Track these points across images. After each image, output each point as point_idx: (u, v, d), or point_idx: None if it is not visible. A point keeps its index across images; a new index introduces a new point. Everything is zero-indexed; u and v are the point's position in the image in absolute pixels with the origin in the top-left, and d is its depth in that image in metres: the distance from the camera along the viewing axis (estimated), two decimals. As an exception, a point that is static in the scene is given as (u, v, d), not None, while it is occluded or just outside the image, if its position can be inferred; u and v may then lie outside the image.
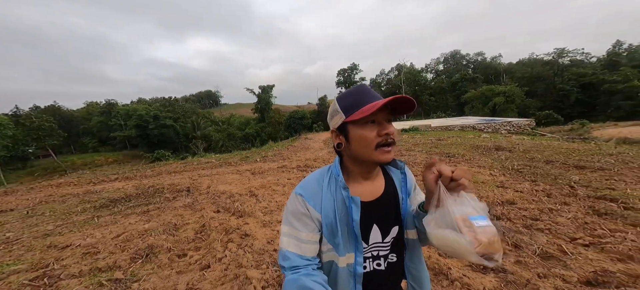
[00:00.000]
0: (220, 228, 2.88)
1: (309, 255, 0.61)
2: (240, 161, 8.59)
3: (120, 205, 4.10)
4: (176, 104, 43.12)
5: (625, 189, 2.93)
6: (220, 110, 55.28)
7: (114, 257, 2.24)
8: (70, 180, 8.41)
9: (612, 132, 17.00)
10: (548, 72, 33.71)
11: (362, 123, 0.58)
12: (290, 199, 0.65)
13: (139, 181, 6.52)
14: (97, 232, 2.91)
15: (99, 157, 37.46)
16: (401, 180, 0.68)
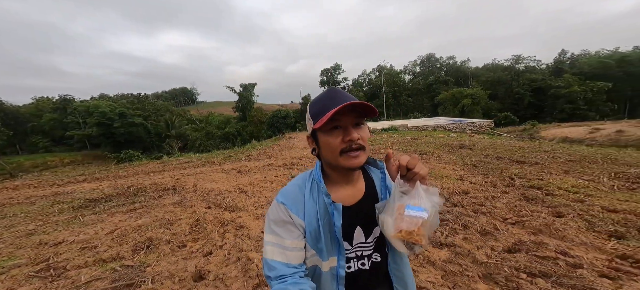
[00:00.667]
0: (215, 221, 3.09)
1: (295, 262, 0.60)
2: (224, 160, 8.58)
3: (102, 205, 4.04)
4: (146, 101, 40.08)
5: (549, 179, 3.74)
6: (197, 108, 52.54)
7: (115, 249, 2.37)
8: (29, 182, 7.71)
9: (555, 132, 19.77)
10: (507, 76, 37.71)
11: (328, 130, 0.58)
12: (272, 208, 0.65)
13: (113, 181, 6.28)
14: (87, 230, 2.94)
15: (52, 158, 33.49)
16: (381, 180, 0.68)
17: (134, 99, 40.08)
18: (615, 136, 16.02)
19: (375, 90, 40.69)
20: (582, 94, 29.81)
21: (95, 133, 32.25)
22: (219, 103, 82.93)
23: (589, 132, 17.56)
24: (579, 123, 22.06)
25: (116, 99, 41.27)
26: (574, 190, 3.21)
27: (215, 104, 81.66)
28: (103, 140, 33.51)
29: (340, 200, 0.63)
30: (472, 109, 32.24)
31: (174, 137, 33.41)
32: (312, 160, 6.83)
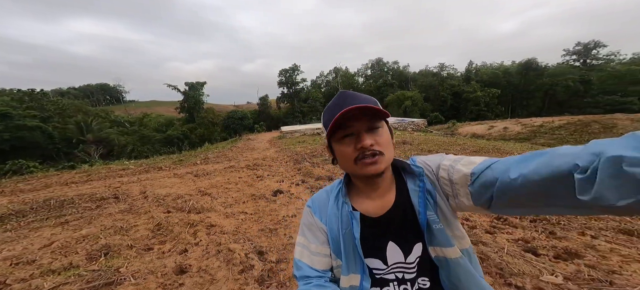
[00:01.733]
0: (181, 223, 2.99)
1: (320, 267, 0.60)
2: (173, 165, 7.76)
3: (14, 222, 3.27)
4: (45, 99, 31.24)
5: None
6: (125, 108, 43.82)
7: (63, 260, 2.09)
8: None
9: (467, 129, 25.23)
10: (435, 81, 45.43)
11: (340, 138, 0.55)
12: (304, 210, 0.67)
13: (13, 197, 4.98)
14: (8, 247, 2.41)
15: None
16: (419, 188, 0.59)
17: (24, 95, 30.66)
18: (502, 132, 21.61)
19: (332, 91, 42.65)
20: (483, 98, 38.65)
21: (-44, 140, 23.33)
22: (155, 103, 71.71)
23: (488, 129, 23.12)
24: (481, 122, 28.60)
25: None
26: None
27: (151, 104, 70.35)
28: (-28, 149, 24.44)
29: (364, 209, 0.59)
30: (412, 109, 37.60)
31: (92, 143, 27.36)
32: (275, 160, 6.93)
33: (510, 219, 2.46)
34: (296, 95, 41.22)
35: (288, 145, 10.20)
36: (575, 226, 2.24)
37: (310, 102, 38.84)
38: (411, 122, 18.02)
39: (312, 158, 6.50)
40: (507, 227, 2.35)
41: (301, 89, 42.81)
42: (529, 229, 2.27)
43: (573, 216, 2.39)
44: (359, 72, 52.90)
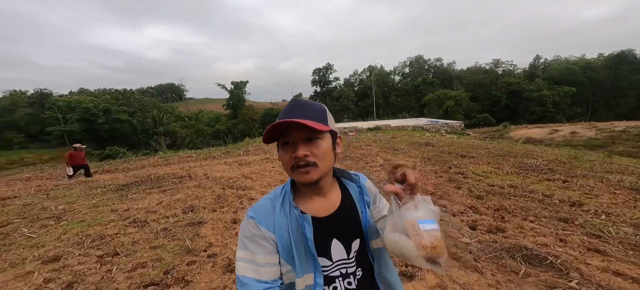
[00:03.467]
0: (232, 195, 4.34)
1: (267, 278, 0.60)
2: (222, 155, 9.72)
3: (134, 189, 5.15)
4: (132, 97, 39.51)
5: (472, 167, 5.29)
6: (185, 105, 52.16)
7: (170, 211, 3.59)
8: (40, 175, 8.55)
9: (522, 132, 22.35)
10: (487, 79, 40.70)
11: (281, 144, 0.59)
12: (243, 223, 0.64)
13: (124, 173, 7.29)
14: (138, 204, 4.10)
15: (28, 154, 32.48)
16: (358, 193, 0.69)
17: (119, 94, 39.41)
18: (569, 137, 18.63)
19: (366, 90, 42.52)
20: (550, 97, 33.06)
21: (77, 129, 31.67)
22: (208, 100, 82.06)
23: (549, 133, 20.16)
24: (542, 125, 24.80)
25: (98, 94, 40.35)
26: (483, 174, 4.76)
27: (205, 101, 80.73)
28: (85, 136, 32.93)
29: (311, 212, 0.63)
30: (454, 110, 34.75)
31: (162, 134, 33.47)
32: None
33: (480, 208, 3.02)
34: (329, 94, 42.37)
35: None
36: (524, 215, 2.71)
37: (343, 100, 39.43)
38: (445, 124, 17.17)
39: (334, 156, 7.49)
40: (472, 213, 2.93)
41: (334, 88, 43.72)
42: (488, 215, 2.83)
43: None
44: (396, 70, 50.95)
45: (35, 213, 3.83)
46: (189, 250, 2.53)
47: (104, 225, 3.22)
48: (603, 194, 3.23)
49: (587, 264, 1.79)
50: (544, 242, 2.10)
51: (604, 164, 5.37)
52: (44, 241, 2.82)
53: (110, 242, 2.73)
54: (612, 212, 2.64)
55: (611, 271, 1.69)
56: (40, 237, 2.95)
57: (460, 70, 49.03)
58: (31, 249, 2.62)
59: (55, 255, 2.46)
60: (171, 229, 3.03)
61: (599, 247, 1.98)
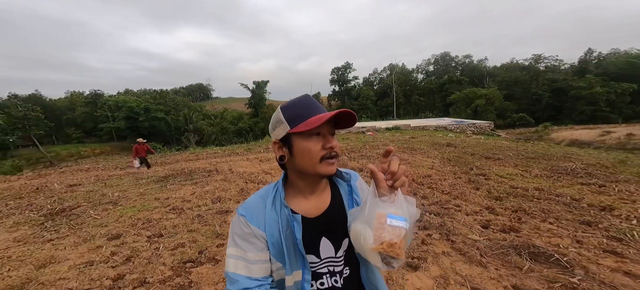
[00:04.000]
0: (254, 189, 4.76)
1: (259, 275, 0.60)
2: (245, 152, 10.40)
3: (172, 180, 5.85)
4: (167, 97, 43.45)
5: (495, 169, 5.08)
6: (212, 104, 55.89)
7: (201, 201, 4.09)
8: (96, 166, 9.95)
9: (565, 134, 20.09)
10: (525, 77, 37.15)
11: (307, 135, 0.59)
12: (233, 220, 0.65)
13: (163, 167, 8.20)
14: (176, 194, 4.70)
15: (85, 148, 37.48)
16: (347, 192, 0.69)
17: (157, 94, 43.56)
18: (624, 139, 16.38)
19: (386, 89, 41.59)
20: (604, 95, 29.15)
21: (123, 126, 35.69)
22: (232, 99, 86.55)
23: (600, 135, 17.89)
24: (592, 126, 22.04)
25: (140, 94, 45.11)
26: (507, 176, 4.57)
27: (229, 100, 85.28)
28: (129, 133, 37.05)
29: (303, 211, 0.64)
30: (485, 109, 32.39)
31: (192, 132, 36.22)
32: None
33: (497, 208, 2.99)
34: (347, 92, 42.13)
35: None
36: (543, 217, 2.63)
37: (361, 99, 38.96)
38: (472, 124, 16.12)
39: (349, 153, 7.62)
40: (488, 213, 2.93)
41: (353, 87, 43.33)
42: (505, 216, 2.80)
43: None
44: (419, 68, 48.87)
45: (97, 198, 4.62)
46: (218, 234, 2.92)
47: (150, 211, 3.80)
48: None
49: (598, 263, 1.77)
50: (557, 242, 2.08)
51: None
52: (107, 222, 3.44)
53: (155, 225, 3.25)
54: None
55: (622, 271, 1.66)
56: (103, 218, 3.60)
57: (493, 67, 45.45)
58: (97, 228, 3.24)
59: (117, 233, 3.02)
60: (203, 216, 3.49)
61: (617, 250, 1.91)
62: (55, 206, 4.14)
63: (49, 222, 3.48)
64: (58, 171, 9.37)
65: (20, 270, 2.23)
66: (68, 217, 3.65)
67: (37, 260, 2.40)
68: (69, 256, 2.47)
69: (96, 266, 2.28)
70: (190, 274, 2.15)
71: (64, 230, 3.14)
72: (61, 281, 2.05)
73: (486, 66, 45.80)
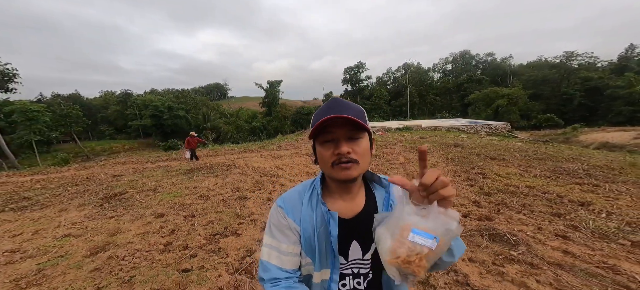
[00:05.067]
0: (267, 181, 5.41)
1: (289, 267, 0.63)
2: (259, 149, 11.21)
3: (197, 173, 6.69)
4: (188, 96, 46.20)
5: (496, 169, 5.30)
6: (228, 103, 58.48)
7: (222, 190, 4.81)
8: (131, 160, 11.24)
9: (596, 136, 18.78)
10: (554, 75, 34.88)
11: (322, 141, 0.61)
12: (272, 211, 0.68)
13: (184, 162, 9.16)
14: (201, 184, 5.48)
15: (116, 144, 41.00)
16: (384, 198, 0.70)
17: (178, 94, 46.48)
18: (664, 143, 15.10)
19: (400, 88, 40.97)
20: (647, 94, 26.66)
21: (149, 124, 38.59)
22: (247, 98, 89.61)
23: (634, 137, 16.63)
24: (627, 128, 20.38)
25: (164, 94, 48.49)
26: (505, 175, 4.81)
27: (244, 99, 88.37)
28: (154, 130, 39.98)
29: (337, 210, 0.65)
30: (507, 109, 30.93)
31: (209, 129, 38.17)
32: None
33: (482, 202, 3.35)
34: (359, 92, 42.06)
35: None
36: (520, 209, 2.96)
37: (374, 99, 38.75)
38: (486, 125, 15.71)
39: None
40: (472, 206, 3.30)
41: (365, 86, 43.15)
42: (487, 208, 3.17)
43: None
44: (436, 67, 47.44)
45: (139, 186, 5.53)
46: (238, 215, 3.58)
47: (182, 197, 4.58)
48: (627, 198, 3.18)
49: (544, 244, 2.14)
50: (521, 228, 2.46)
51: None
52: (150, 204, 4.25)
53: (189, 208, 3.98)
54: (615, 212, 2.72)
55: (561, 250, 2.03)
56: (147, 202, 4.42)
57: (519, 65, 42.99)
58: (145, 209, 4.03)
59: (160, 213, 3.78)
60: (226, 200, 4.18)
61: (567, 234, 2.25)
62: (108, 192, 5.07)
63: (106, 204, 4.37)
64: (99, 164, 10.75)
65: (98, 236, 3.01)
66: (120, 200, 4.53)
67: (107, 230, 3.19)
68: (130, 228, 3.24)
69: (151, 235, 3.01)
70: (219, 243, 2.80)
71: (120, 211, 3.97)
72: (129, 244, 2.79)
73: (511, 64, 43.46)
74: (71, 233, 3.09)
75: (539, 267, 1.86)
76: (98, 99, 51.08)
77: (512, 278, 1.78)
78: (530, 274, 1.80)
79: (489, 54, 45.07)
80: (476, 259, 2.04)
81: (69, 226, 3.33)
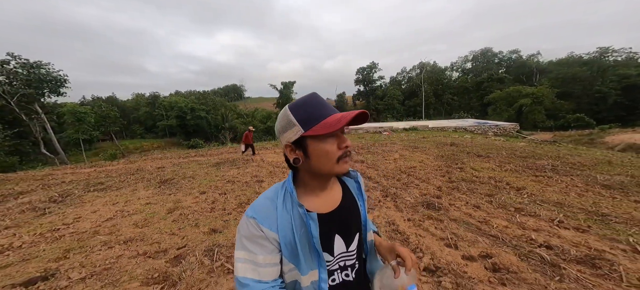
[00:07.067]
0: (279, 172, 6.76)
1: (269, 278, 0.62)
2: (273, 146, 12.71)
3: (223, 166, 8.25)
4: (208, 97, 49.71)
5: (477, 165, 6.18)
6: (244, 104, 61.75)
7: (245, 178, 6.23)
8: (166, 156, 13.27)
9: (624, 137, 17.95)
10: (585, 72, 32.92)
11: (324, 137, 0.61)
12: (242, 223, 0.65)
13: (212, 157, 10.85)
14: (227, 174, 6.96)
15: (146, 142, 45.36)
16: (356, 188, 0.75)
17: (200, 95, 50.13)
18: (699, 146, 14.31)
19: (414, 88, 40.88)
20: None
21: (174, 124, 42.27)
22: (262, 99, 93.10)
23: (665, 139, 15.75)
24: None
25: (187, 95, 52.64)
26: (480, 169, 5.70)
27: (259, 100, 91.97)
28: (178, 130, 43.69)
29: (315, 208, 0.66)
30: (532, 109, 29.89)
31: (227, 129, 40.83)
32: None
33: (444, 188, 4.38)
34: (372, 92, 42.53)
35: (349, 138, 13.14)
36: (465, 191, 3.96)
37: (387, 99, 39.05)
38: (494, 126, 15.88)
39: (359, 150, 9.19)
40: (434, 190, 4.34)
41: (378, 87, 43.54)
42: (444, 192, 4.21)
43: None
44: (453, 66, 46.39)
45: (180, 174, 7.15)
46: (257, 192, 4.93)
47: (215, 182, 6.06)
48: (563, 186, 4.05)
49: (459, 209, 3.20)
50: (454, 203, 3.52)
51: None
52: (193, 186, 5.76)
53: (221, 188, 5.41)
54: (535, 194, 3.66)
55: (466, 213, 3.08)
56: (190, 184, 5.95)
57: (548, 63, 40.83)
58: (190, 189, 5.53)
59: (203, 191, 5.25)
60: (248, 183, 5.59)
61: (479, 205, 3.28)
62: (161, 178, 6.73)
63: (162, 186, 5.96)
64: (142, 159, 12.87)
65: (168, 204, 4.50)
66: (171, 184, 6.12)
67: (172, 200, 4.69)
68: (186, 199, 4.72)
69: (200, 203, 4.45)
70: (244, 207, 4.15)
71: (174, 190, 5.52)
72: (189, 207, 4.23)
73: (538, 61, 41.41)
74: (150, 202, 4.63)
75: (443, 222, 2.94)
76: (130, 101, 56.70)
77: (425, 228, 2.87)
78: (437, 225, 2.88)
79: (513, 51, 43.32)
80: (411, 219, 3.15)
81: (146, 198, 4.89)
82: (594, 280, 1.85)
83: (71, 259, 2.58)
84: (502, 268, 2.06)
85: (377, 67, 43.00)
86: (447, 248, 2.44)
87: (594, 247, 2.24)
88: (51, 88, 25.91)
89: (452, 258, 2.26)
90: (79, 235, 3.22)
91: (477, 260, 2.21)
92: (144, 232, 3.23)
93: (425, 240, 2.61)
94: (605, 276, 1.87)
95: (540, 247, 2.30)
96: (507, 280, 1.93)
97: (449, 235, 2.65)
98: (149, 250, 2.73)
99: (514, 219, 2.91)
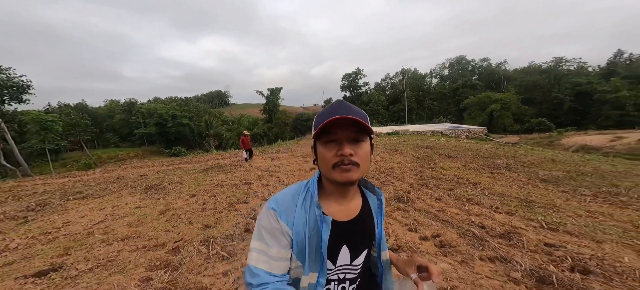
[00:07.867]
0: (267, 175, 7.09)
1: (278, 272, 0.64)
2: (260, 153, 12.94)
3: (210, 171, 8.40)
4: (191, 104, 48.40)
5: (446, 164, 6.95)
6: (229, 110, 60.76)
7: (234, 182, 6.49)
8: (147, 164, 12.97)
9: (577, 139, 20.32)
10: (544, 80, 36.63)
11: (325, 142, 0.62)
12: (262, 213, 0.67)
13: (198, 164, 10.89)
14: (214, 179, 7.16)
15: (121, 152, 42.95)
16: (377, 206, 0.75)
17: (182, 102, 48.69)
18: (635, 145, 16.72)
19: (398, 94, 42.90)
20: (632, 99, 28.23)
21: (154, 131, 40.59)
22: (248, 105, 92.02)
23: (611, 140, 18.19)
24: (605, 131, 21.95)
25: (167, 102, 50.84)
26: (448, 168, 6.45)
27: (245, 106, 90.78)
28: (158, 138, 41.96)
29: (331, 214, 0.66)
30: (501, 114, 32.61)
31: (212, 136, 39.99)
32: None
33: (415, 184, 4.99)
34: (358, 98, 44.08)
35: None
36: (431, 186, 4.59)
37: (373, 104, 40.64)
38: (466, 130, 17.42)
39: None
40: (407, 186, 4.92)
41: (363, 93, 45.19)
42: (415, 188, 4.81)
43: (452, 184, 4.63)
44: (433, 72, 49.51)
45: (167, 180, 7.22)
46: (246, 193, 5.25)
47: (203, 186, 6.26)
48: (510, 180, 4.82)
49: (423, 201, 3.81)
50: (419, 196, 4.12)
51: (582, 165, 6.34)
52: (182, 190, 5.92)
53: (210, 191, 5.65)
54: (487, 187, 4.37)
55: (428, 204, 3.69)
56: (178, 189, 6.10)
57: (514, 70, 44.90)
58: (179, 193, 5.70)
59: (192, 194, 5.46)
60: (237, 185, 5.87)
61: (440, 197, 3.91)
62: (146, 185, 6.78)
63: (149, 192, 6.06)
64: (120, 168, 12.50)
65: (159, 206, 4.68)
66: (158, 189, 6.22)
67: (163, 203, 4.87)
68: (177, 202, 4.92)
69: (191, 204, 4.69)
70: (235, 207, 4.46)
71: (162, 195, 5.66)
72: (180, 208, 4.45)
73: (505, 69, 45.36)
74: (140, 205, 4.77)
75: (409, 212, 3.51)
76: (103, 108, 53.59)
77: (394, 217, 3.41)
78: (403, 215, 3.44)
79: (484, 59, 47.11)
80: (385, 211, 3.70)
81: (134, 203, 5.01)
82: (506, 248, 2.46)
83: (73, 254, 2.78)
84: (446, 244, 2.62)
85: (362, 74, 44.77)
86: (409, 232, 2.98)
87: (514, 225, 2.88)
88: (12, 95, 24.02)
89: (410, 239, 2.78)
90: (74, 236, 3.36)
91: (429, 240, 2.76)
92: (139, 230, 3.45)
93: (393, 226, 3.13)
94: (514, 245, 2.50)
95: (476, 227, 2.91)
96: (448, 252, 2.48)
97: (411, 221, 3.20)
98: (147, 244, 2.99)
99: (464, 207, 3.55)
